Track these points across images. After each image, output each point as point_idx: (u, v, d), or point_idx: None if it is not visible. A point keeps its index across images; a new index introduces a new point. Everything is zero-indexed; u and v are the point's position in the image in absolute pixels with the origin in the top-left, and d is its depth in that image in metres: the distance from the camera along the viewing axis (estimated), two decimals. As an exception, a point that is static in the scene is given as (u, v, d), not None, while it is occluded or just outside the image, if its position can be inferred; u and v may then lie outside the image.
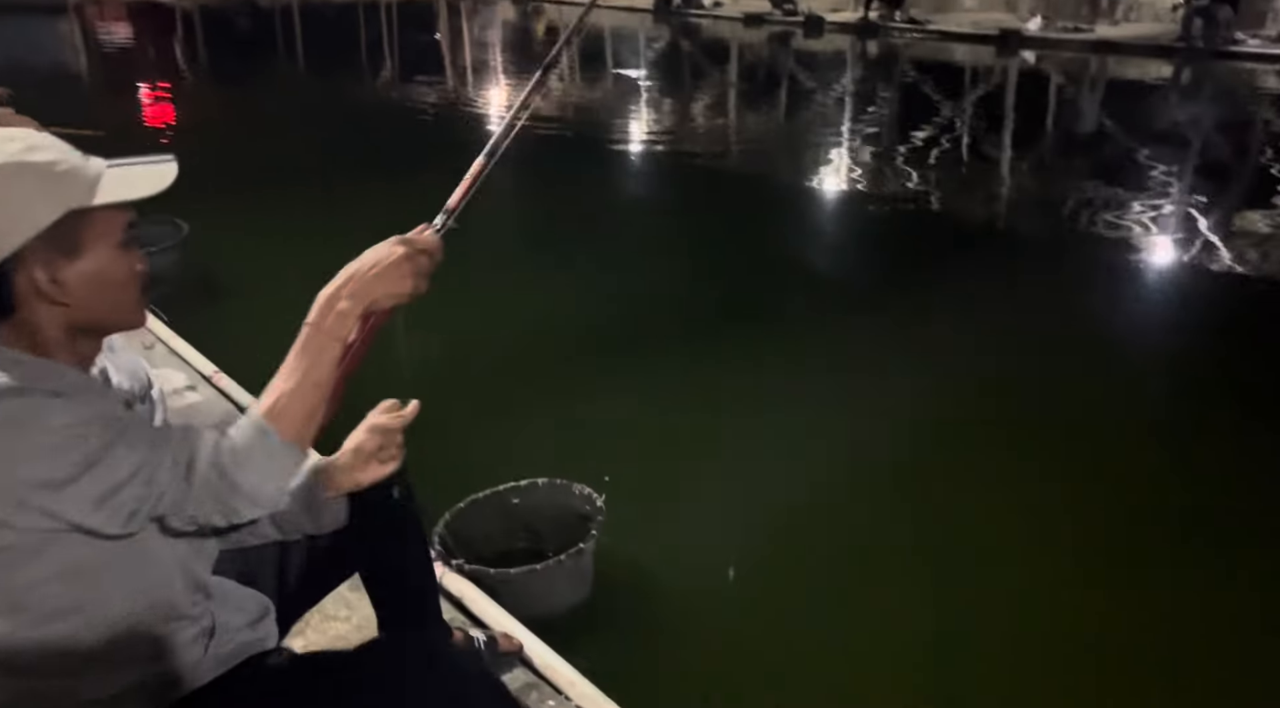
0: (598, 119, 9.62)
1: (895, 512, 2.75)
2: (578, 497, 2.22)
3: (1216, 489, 2.88)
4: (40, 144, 1.04)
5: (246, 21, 20.38)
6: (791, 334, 4.06)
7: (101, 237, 1.04)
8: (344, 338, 1.07)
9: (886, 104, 10.62)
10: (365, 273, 1.08)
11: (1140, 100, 10.70)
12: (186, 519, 1.01)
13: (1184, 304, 4.65)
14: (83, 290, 1.03)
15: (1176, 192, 6.46)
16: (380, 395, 1.32)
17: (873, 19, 16.26)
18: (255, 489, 1.01)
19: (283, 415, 1.03)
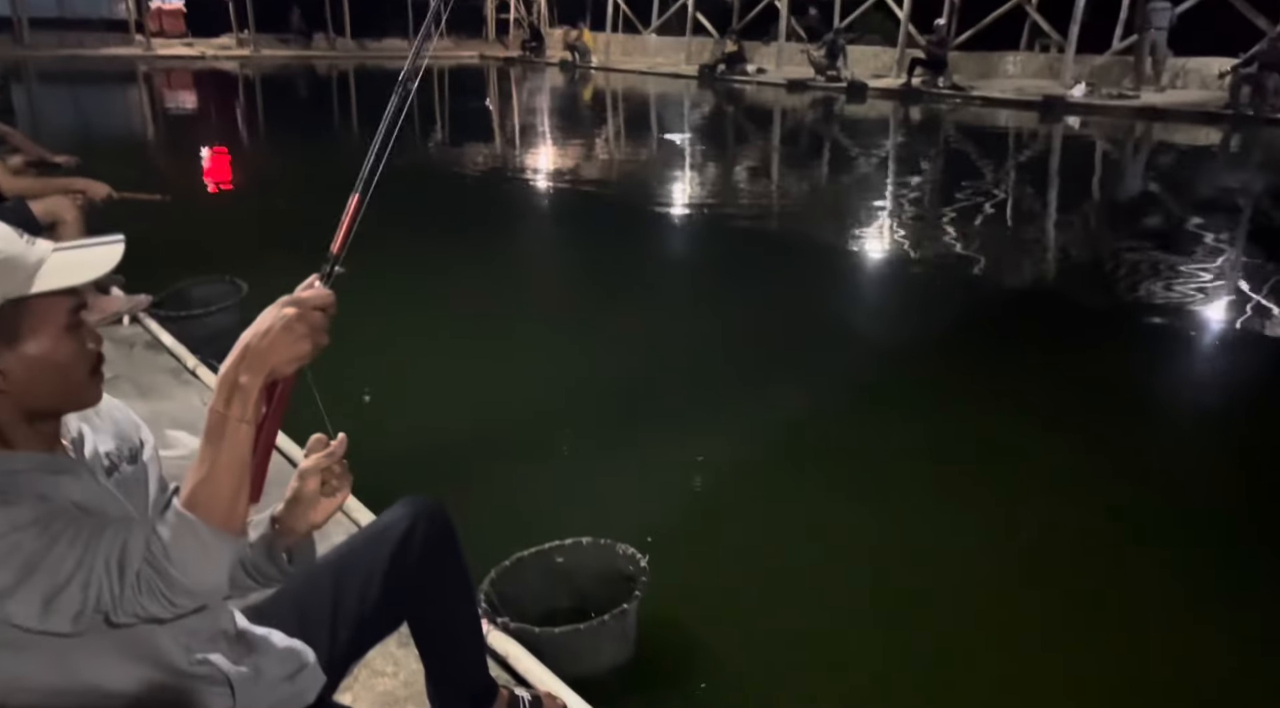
0: (642, 181, 9.78)
1: (947, 582, 2.71)
2: (621, 557, 2.23)
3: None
4: None
5: (305, 87, 21.18)
6: (840, 397, 4.04)
7: (43, 323, 1.04)
8: (250, 418, 0.99)
9: (930, 168, 10.68)
10: (259, 343, 1.00)
11: (1188, 166, 10.64)
12: (129, 615, 0.98)
13: (1235, 370, 4.55)
14: (24, 376, 1.03)
15: (1228, 257, 6.38)
16: (428, 434, 1.35)
17: (916, 85, 16.46)
18: (194, 582, 0.97)
19: (206, 504, 0.98)
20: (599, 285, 5.88)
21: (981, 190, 8.93)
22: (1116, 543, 2.93)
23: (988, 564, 2.81)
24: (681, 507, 3.04)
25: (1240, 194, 8.92)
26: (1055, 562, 2.82)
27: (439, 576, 1.47)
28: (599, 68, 24.21)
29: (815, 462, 3.43)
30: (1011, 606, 2.61)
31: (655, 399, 3.94)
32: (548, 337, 4.80)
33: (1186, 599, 2.65)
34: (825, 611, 2.53)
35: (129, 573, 0.95)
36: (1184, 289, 5.54)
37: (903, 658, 2.38)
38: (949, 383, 4.28)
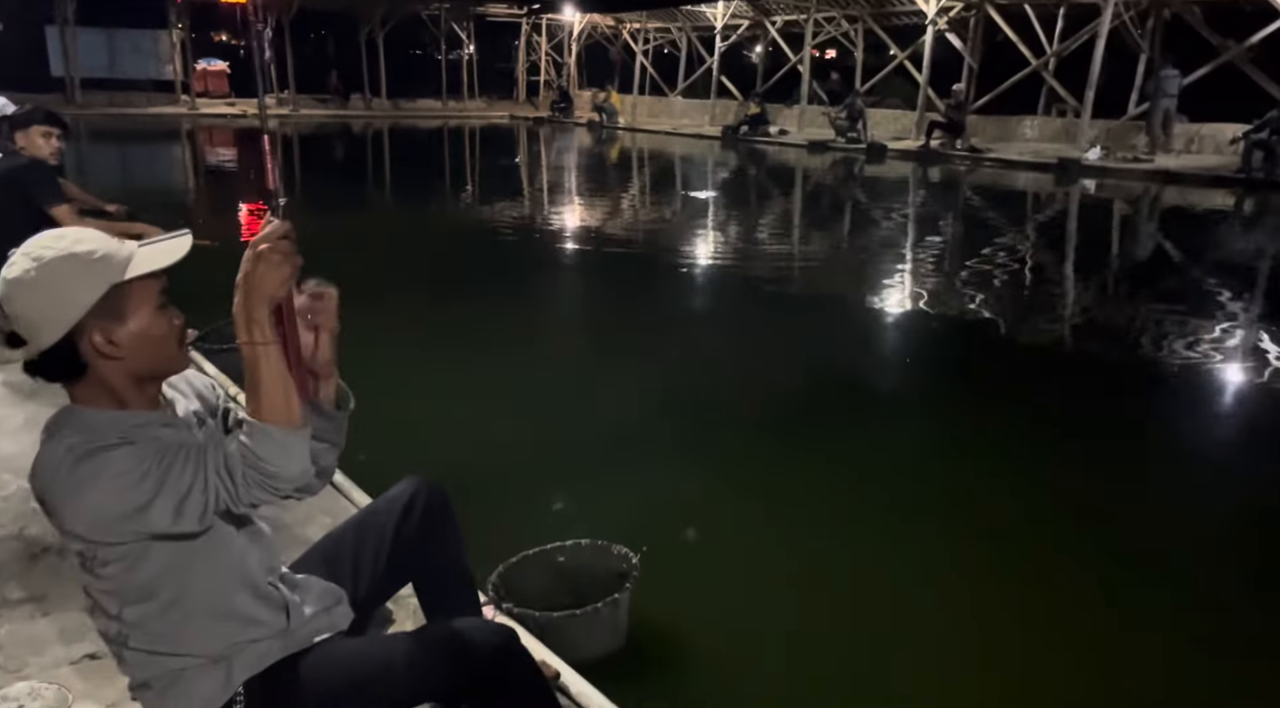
0: (666, 237, 10.13)
1: (918, 596, 2.89)
2: (616, 556, 2.44)
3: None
4: (82, 238, 1.33)
5: (340, 145, 21.95)
6: (837, 437, 4.24)
7: (140, 303, 1.32)
8: (272, 339, 1.26)
9: (948, 228, 10.94)
10: (251, 282, 1.25)
11: (1201, 229, 10.83)
12: (247, 506, 1.27)
13: (1253, 429, 4.60)
14: (133, 345, 1.32)
15: (1240, 317, 6.54)
16: (461, 453, 1.58)
17: (934, 147, 16.83)
18: (284, 470, 1.25)
19: (268, 412, 1.24)
20: (621, 335, 6.16)
21: (998, 250, 9.17)
22: (1096, 572, 3.10)
23: (969, 575, 2.98)
24: (677, 520, 3.26)
25: (1254, 256, 9.10)
26: (1026, 583, 2.99)
27: (437, 542, 1.71)
28: (626, 128, 24.91)
29: (811, 492, 3.62)
30: (989, 610, 2.78)
31: (661, 431, 4.17)
32: (566, 372, 5.06)
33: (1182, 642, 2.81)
34: (808, 617, 2.72)
35: (236, 476, 1.23)
36: (1199, 348, 5.66)
37: (875, 654, 2.55)
38: (954, 425, 4.47)
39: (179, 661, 1.37)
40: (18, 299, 1.28)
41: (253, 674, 1.40)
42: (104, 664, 1.93)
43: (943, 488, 3.72)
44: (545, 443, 3.97)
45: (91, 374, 1.32)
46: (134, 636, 1.35)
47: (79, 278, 1.28)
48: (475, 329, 5.92)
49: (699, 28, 27.02)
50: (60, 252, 1.29)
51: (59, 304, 1.28)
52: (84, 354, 1.30)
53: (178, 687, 1.38)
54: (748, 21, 25.09)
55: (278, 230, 1.28)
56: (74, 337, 1.29)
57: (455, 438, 3.88)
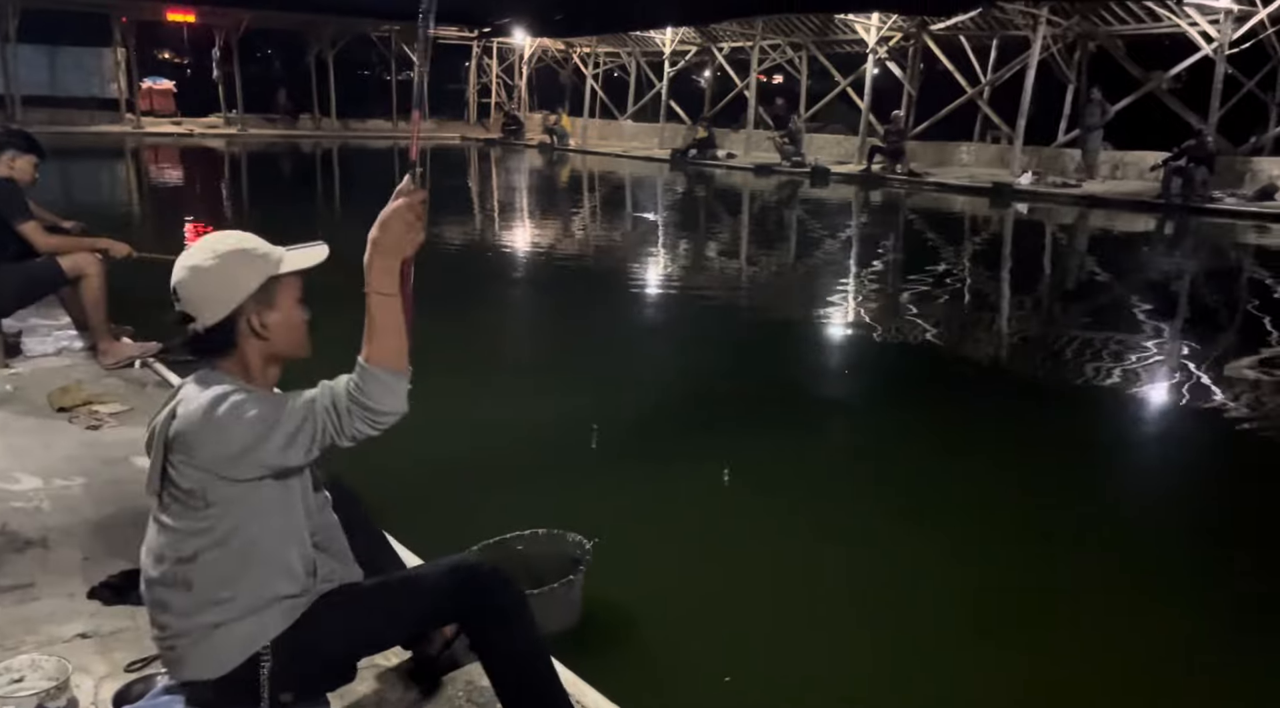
0: (616, 256, 10.37)
1: (841, 567, 3.13)
2: (571, 544, 2.64)
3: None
4: (246, 236, 1.63)
5: (289, 164, 21.88)
6: (780, 440, 4.48)
7: (288, 294, 1.62)
8: (397, 291, 1.50)
9: (889, 248, 11.37)
10: (388, 237, 1.49)
11: (1124, 251, 11.42)
12: (349, 438, 1.50)
13: (1166, 441, 4.89)
14: (278, 330, 1.60)
15: (1157, 332, 6.98)
16: (416, 449, 1.76)
17: (875, 171, 17.40)
18: (388, 407, 1.49)
19: (381, 357, 1.49)
20: (570, 348, 6.36)
21: (937, 269, 9.58)
22: (1035, 566, 3.37)
23: (900, 562, 3.23)
24: (629, 514, 3.47)
25: (1172, 276, 9.64)
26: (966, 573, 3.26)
27: (355, 531, 1.88)
28: (576, 150, 25.21)
29: (754, 488, 3.86)
30: (918, 595, 3.03)
31: (613, 437, 4.38)
32: (519, 381, 5.25)
33: (1094, 614, 3.08)
34: (762, 606, 2.94)
35: (342, 411, 1.48)
36: (1120, 361, 6.05)
37: (812, 632, 2.78)
38: (891, 430, 4.76)
39: (225, 610, 1.55)
40: (196, 283, 1.56)
41: (281, 630, 1.59)
42: (96, 642, 2.08)
43: (879, 486, 3.98)
44: (500, 446, 4.15)
45: (238, 351, 1.59)
46: (198, 580, 1.55)
47: (246, 268, 1.57)
48: (423, 343, 6.07)
49: (648, 53, 27.51)
50: (233, 246, 1.59)
51: (229, 288, 1.56)
52: (238, 333, 1.57)
53: (213, 637, 1.56)
54: (695, 47, 25.63)
55: (419, 194, 1.54)
56: (234, 317, 1.57)
57: (411, 444, 4.04)
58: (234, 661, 1.56)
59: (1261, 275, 9.63)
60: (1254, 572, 3.33)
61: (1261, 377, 5.64)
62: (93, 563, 2.42)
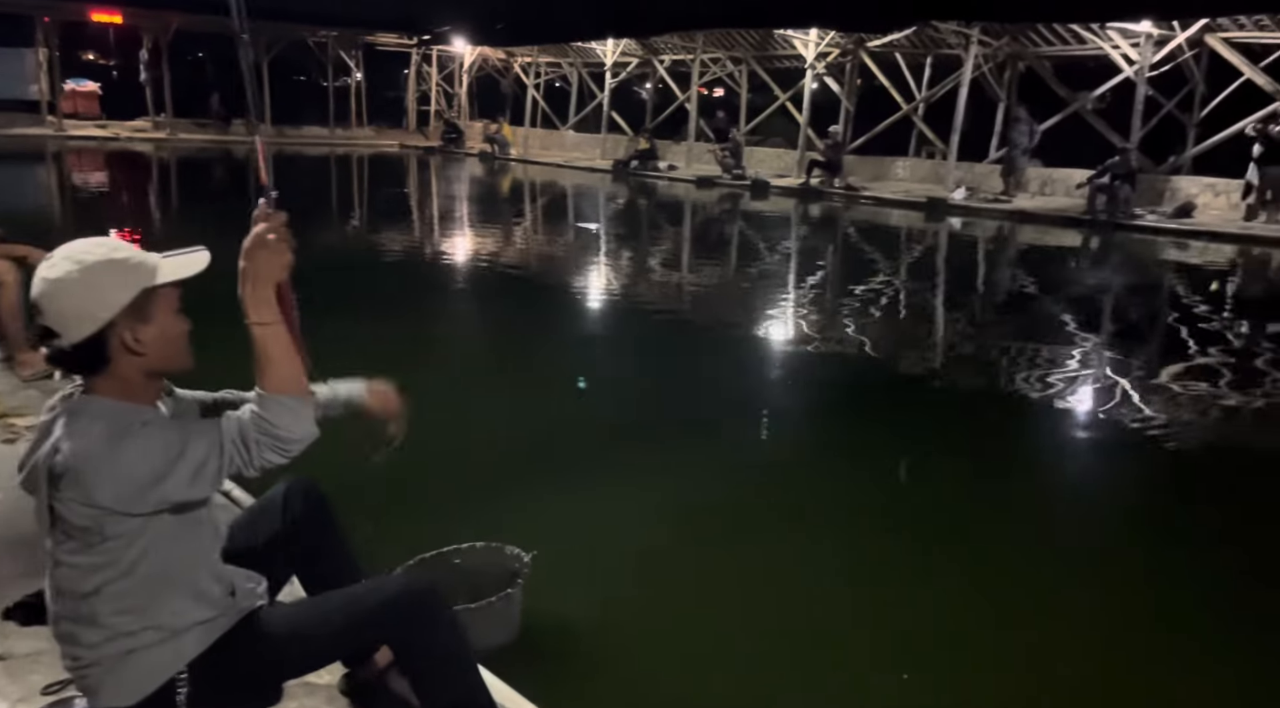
0: (557, 266, 10.34)
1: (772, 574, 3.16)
2: (509, 556, 2.61)
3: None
4: (118, 245, 1.51)
5: (222, 170, 21.35)
6: (719, 449, 4.51)
7: (165, 306, 1.51)
8: (278, 318, 1.47)
9: (827, 260, 11.54)
10: (257, 270, 1.47)
11: (1051, 265, 11.77)
12: (258, 469, 1.45)
13: (1093, 442, 5.05)
14: (155, 344, 1.49)
15: (1081, 343, 7.20)
16: (350, 461, 1.73)
17: (814, 184, 17.66)
18: (296, 434, 1.47)
19: (279, 385, 1.46)
20: (508, 359, 6.31)
21: (873, 281, 9.75)
22: (959, 573, 3.43)
23: (836, 569, 3.27)
24: (568, 527, 3.45)
25: (1096, 290, 9.96)
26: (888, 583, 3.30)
27: (319, 534, 1.88)
28: (518, 160, 25.10)
29: (701, 501, 3.86)
30: (868, 605, 3.06)
31: (552, 445, 4.36)
32: (457, 392, 5.18)
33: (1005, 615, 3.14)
34: (701, 617, 2.94)
35: (250, 442, 1.43)
36: (1044, 370, 6.24)
37: (745, 638, 2.79)
38: (827, 437, 4.81)
39: (136, 639, 1.49)
40: (59, 297, 1.43)
41: (199, 653, 1.54)
42: (10, 665, 2.00)
43: (816, 495, 4.02)
44: (437, 458, 4.09)
45: (112, 368, 1.48)
46: (104, 613, 1.47)
47: (116, 280, 1.46)
48: (356, 353, 5.98)
49: (589, 64, 27.56)
50: (101, 256, 1.47)
51: (97, 302, 1.44)
52: (111, 350, 1.46)
53: (127, 665, 1.50)
54: (637, 59, 25.76)
55: (279, 219, 1.50)
56: (105, 333, 1.45)
57: (345, 457, 3.95)
58: (149, 687, 1.51)
59: (1179, 290, 10.01)
60: (1172, 571, 3.45)
61: (1178, 389, 5.86)
62: (7, 583, 2.31)
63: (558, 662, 2.60)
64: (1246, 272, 11.44)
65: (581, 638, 2.73)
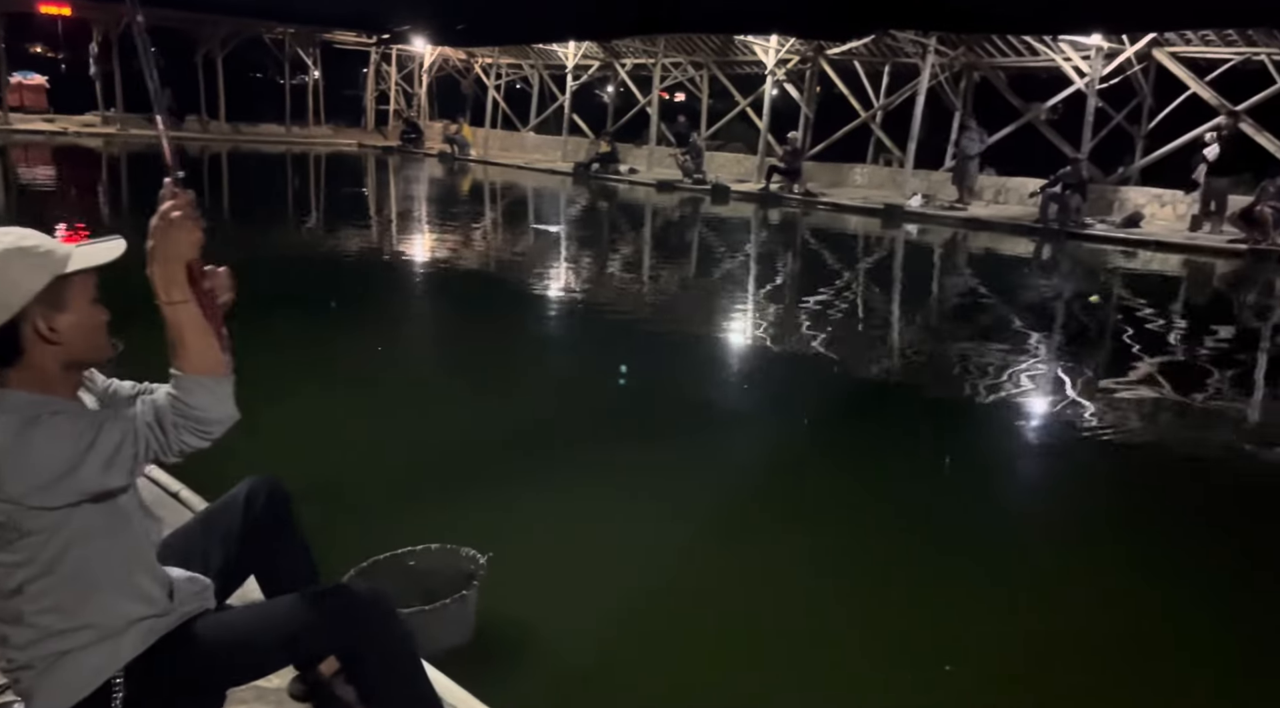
0: (518, 268, 10.29)
1: (725, 579, 3.17)
2: (464, 558, 2.59)
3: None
4: (27, 233, 1.46)
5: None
6: (675, 452, 4.52)
7: (79, 295, 1.47)
8: (190, 297, 1.44)
9: (786, 265, 11.63)
10: (165, 247, 1.44)
11: (1003, 272, 11.97)
12: (177, 453, 1.42)
13: (1040, 451, 5.10)
14: (70, 333, 1.45)
15: (1033, 347, 7.33)
16: (305, 463, 1.71)
17: (773, 190, 17.79)
18: (215, 414, 1.43)
19: (197, 364, 1.43)
20: (467, 361, 6.26)
21: (831, 286, 9.83)
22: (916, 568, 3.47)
23: (795, 568, 3.28)
24: (524, 528, 3.44)
25: (1049, 298, 10.16)
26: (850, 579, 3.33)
27: (280, 535, 1.85)
28: (478, 161, 24.96)
29: (658, 502, 3.86)
30: (825, 606, 3.08)
31: (507, 448, 4.33)
32: (414, 392, 5.14)
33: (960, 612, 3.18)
34: (657, 618, 2.94)
35: (167, 426, 1.40)
36: (998, 373, 6.34)
37: (698, 639, 2.80)
38: (784, 440, 4.84)
39: (68, 639, 1.45)
40: None
41: (136, 655, 1.49)
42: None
43: (771, 497, 4.04)
44: (393, 460, 4.05)
45: (27, 359, 1.43)
46: (29, 612, 1.43)
47: (26, 268, 1.41)
48: (314, 354, 5.90)
49: (550, 66, 27.50)
50: (9, 245, 1.42)
51: (6, 291, 1.40)
52: (24, 340, 1.42)
53: (61, 667, 1.45)
54: (598, 62, 25.76)
55: (184, 199, 1.47)
56: (17, 323, 1.41)
57: (304, 456, 3.90)
58: (85, 690, 1.47)
59: (1127, 297, 10.24)
60: (1119, 568, 3.52)
61: (1124, 393, 5.99)
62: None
63: (512, 664, 2.58)
64: (1190, 281, 11.74)
65: (537, 640, 2.71)
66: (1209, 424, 5.57)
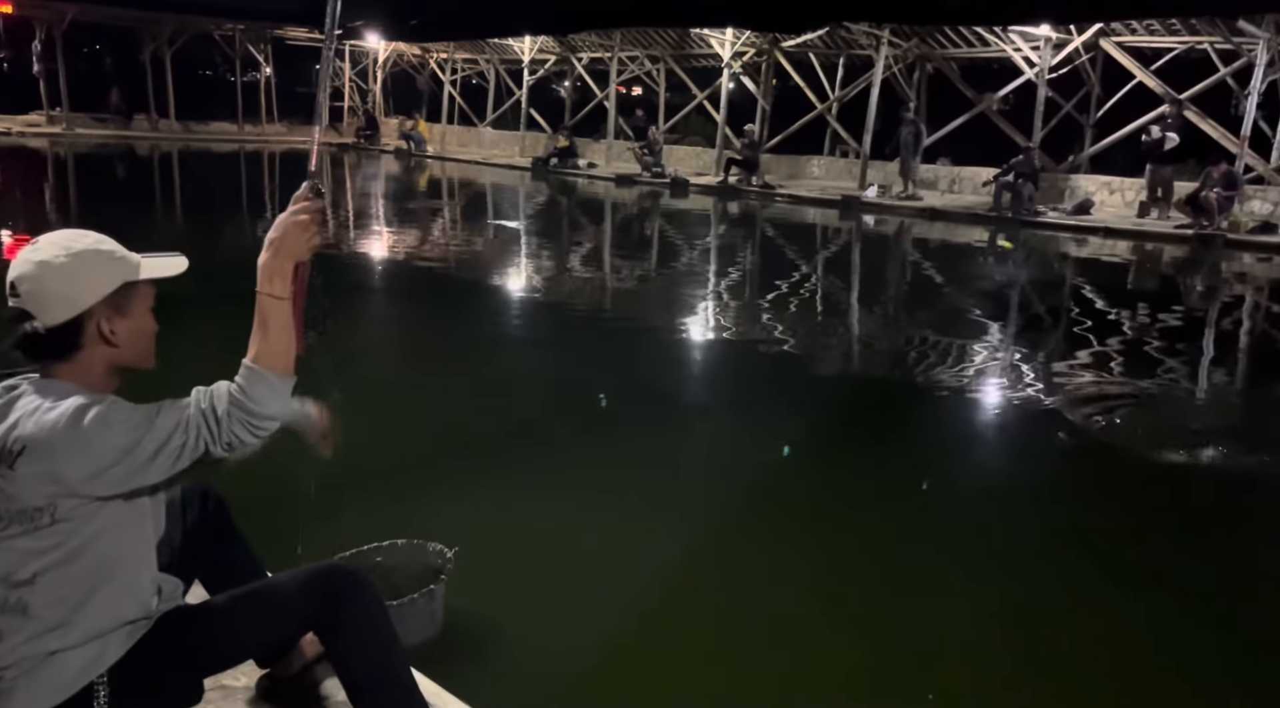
0: (478, 264, 10.24)
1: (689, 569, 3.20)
2: (431, 553, 2.59)
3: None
4: (103, 238, 1.55)
5: (123, 167, 20.52)
6: (639, 444, 4.54)
7: (141, 301, 1.55)
8: (288, 295, 1.50)
9: (745, 258, 11.70)
10: (285, 242, 1.51)
11: (958, 260, 12.16)
12: (224, 446, 1.43)
13: (995, 437, 5.21)
14: (127, 338, 1.52)
15: (986, 335, 7.46)
16: (267, 460, 1.70)
17: (732, 182, 17.88)
18: (271, 411, 1.47)
19: (269, 359, 1.47)
20: (430, 357, 6.23)
21: (791, 276, 9.92)
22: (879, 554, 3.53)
23: (757, 557, 3.33)
24: (492, 523, 3.44)
25: (1004, 285, 10.35)
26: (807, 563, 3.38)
27: (218, 540, 1.86)
28: (435, 157, 24.76)
29: (625, 495, 3.88)
30: (788, 598, 3.12)
31: (473, 444, 4.33)
32: (375, 391, 5.10)
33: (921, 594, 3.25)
34: (626, 610, 2.96)
35: (221, 415, 1.43)
36: (954, 365, 6.45)
37: (663, 631, 2.83)
38: (745, 435, 4.88)
39: (62, 637, 1.45)
40: (44, 279, 1.45)
41: (120, 657, 1.50)
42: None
43: (733, 487, 4.08)
44: (357, 457, 4.01)
45: (81, 356, 1.49)
46: (35, 603, 1.42)
47: (102, 269, 1.49)
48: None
49: (507, 61, 27.34)
50: (89, 245, 1.50)
51: (81, 287, 1.46)
52: (85, 336, 1.48)
53: (48, 665, 1.45)
54: (555, 57, 25.66)
55: (318, 206, 1.57)
56: (82, 319, 1.47)
57: (264, 455, 3.86)
58: (68, 691, 1.46)
59: (1080, 283, 10.46)
60: (1079, 545, 3.62)
61: (1074, 376, 6.13)
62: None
63: (482, 657, 2.59)
64: (1139, 267, 12.01)
65: (506, 633, 2.72)
66: (1159, 406, 5.72)
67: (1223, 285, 10.71)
